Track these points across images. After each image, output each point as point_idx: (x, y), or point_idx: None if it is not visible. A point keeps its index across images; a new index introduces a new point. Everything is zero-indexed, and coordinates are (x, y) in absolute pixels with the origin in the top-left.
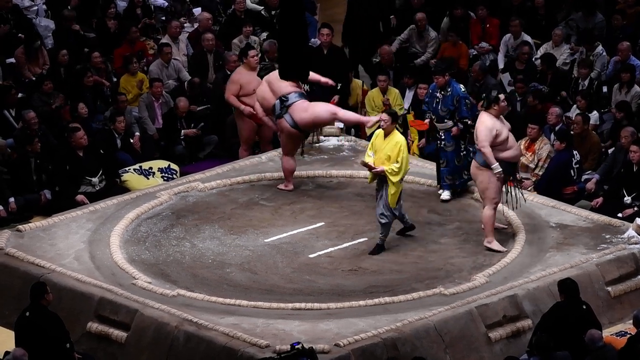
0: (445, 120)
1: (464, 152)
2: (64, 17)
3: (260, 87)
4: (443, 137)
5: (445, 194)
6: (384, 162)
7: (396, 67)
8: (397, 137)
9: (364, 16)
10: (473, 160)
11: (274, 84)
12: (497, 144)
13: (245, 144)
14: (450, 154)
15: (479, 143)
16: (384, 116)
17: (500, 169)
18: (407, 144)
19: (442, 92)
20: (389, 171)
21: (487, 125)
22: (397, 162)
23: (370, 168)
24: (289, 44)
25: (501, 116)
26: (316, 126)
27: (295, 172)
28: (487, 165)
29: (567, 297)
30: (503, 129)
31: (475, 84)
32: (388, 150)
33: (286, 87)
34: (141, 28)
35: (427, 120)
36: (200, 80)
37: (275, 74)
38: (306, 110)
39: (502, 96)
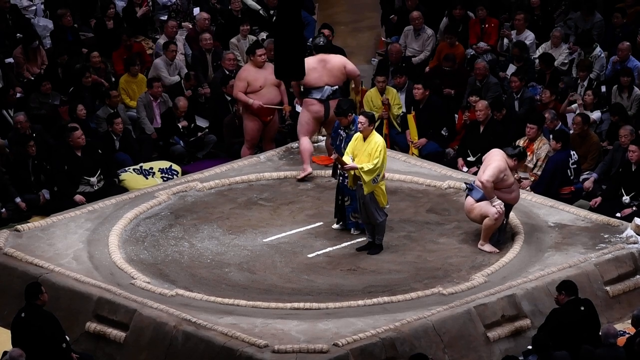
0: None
1: None
2: (57, 15)
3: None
4: (346, 175)
5: (353, 230)
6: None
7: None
8: (376, 138)
9: None
10: (468, 198)
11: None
12: (504, 187)
13: (249, 143)
14: (354, 192)
15: (486, 178)
16: (362, 119)
17: (502, 203)
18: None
19: (346, 131)
20: (361, 167)
21: (500, 166)
22: (373, 161)
23: (342, 164)
24: (286, 43)
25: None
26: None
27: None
28: (483, 199)
29: (566, 296)
30: (510, 175)
31: (477, 82)
32: (369, 150)
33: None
34: (133, 37)
35: (333, 156)
36: (196, 73)
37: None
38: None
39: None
